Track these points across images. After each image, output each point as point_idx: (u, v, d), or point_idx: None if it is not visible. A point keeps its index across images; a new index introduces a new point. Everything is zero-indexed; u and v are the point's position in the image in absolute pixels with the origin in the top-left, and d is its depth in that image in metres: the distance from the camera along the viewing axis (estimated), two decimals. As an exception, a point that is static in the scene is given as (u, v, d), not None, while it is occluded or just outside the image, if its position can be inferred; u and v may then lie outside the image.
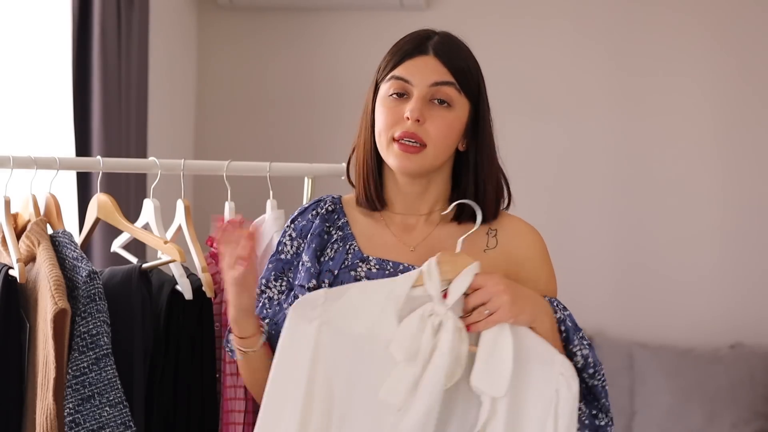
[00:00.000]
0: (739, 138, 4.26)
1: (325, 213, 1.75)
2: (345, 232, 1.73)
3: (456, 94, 1.66)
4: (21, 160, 1.94)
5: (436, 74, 1.65)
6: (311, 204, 1.79)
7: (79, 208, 3.09)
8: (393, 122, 1.65)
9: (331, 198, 1.78)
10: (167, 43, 4.08)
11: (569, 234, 4.32)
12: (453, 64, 1.66)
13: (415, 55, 1.66)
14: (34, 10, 3.08)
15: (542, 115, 4.35)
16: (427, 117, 1.64)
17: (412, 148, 1.64)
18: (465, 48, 1.71)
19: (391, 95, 1.66)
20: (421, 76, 1.64)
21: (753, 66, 4.26)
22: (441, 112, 1.65)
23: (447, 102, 1.66)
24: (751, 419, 3.92)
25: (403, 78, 1.65)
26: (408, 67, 1.65)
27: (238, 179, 2.14)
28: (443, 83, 1.65)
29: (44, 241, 1.84)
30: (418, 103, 1.63)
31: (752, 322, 4.22)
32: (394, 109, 1.65)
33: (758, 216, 4.24)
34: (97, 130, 3.19)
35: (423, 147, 1.65)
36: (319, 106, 4.38)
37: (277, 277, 1.73)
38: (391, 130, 1.65)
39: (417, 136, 1.64)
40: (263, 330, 1.66)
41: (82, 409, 1.72)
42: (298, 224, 1.76)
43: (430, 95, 1.65)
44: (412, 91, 1.65)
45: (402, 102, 1.65)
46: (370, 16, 4.35)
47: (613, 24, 4.32)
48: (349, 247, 1.71)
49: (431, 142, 1.65)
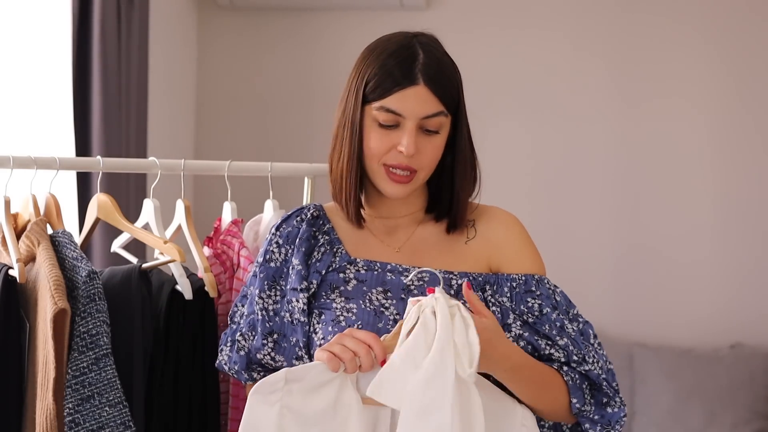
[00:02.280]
0: (738, 138, 4.26)
1: (311, 218, 1.75)
2: (331, 237, 1.74)
3: (444, 120, 1.66)
4: (21, 160, 1.94)
5: (428, 106, 1.63)
6: (293, 212, 1.78)
7: (79, 208, 3.09)
8: (384, 150, 1.65)
9: (313, 205, 1.78)
10: (167, 43, 4.08)
11: (569, 234, 4.33)
12: (443, 92, 1.64)
13: (405, 85, 1.62)
14: (34, 10, 3.08)
15: (542, 115, 4.35)
16: (419, 147, 1.64)
17: (405, 178, 1.65)
18: (448, 63, 1.68)
19: (382, 126, 1.65)
20: (413, 110, 1.63)
21: (749, 69, 4.26)
22: (429, 139, 1.65)
23: (435, 130, 1.66)
24: (751, 419, 3.92)
25: (394, 111, 1.63)
26: (399, 99, 1.62)
27: (238, 179, 2.14)
28: (434, 115, 1.64)
29: (44, 241, 1.84)
30: (411, 138, 1.63)
31: (752, 322, 4.22)
32: (385, 138, 1.64)
33: (758, 216, 4.24)
34: (97, 130, 3.19)
35: (414, 174, 1.66)
36: (319, 106, 4.38)
37: (270, 287, 1.71)
38: (382, 159, 1.65)
39: (410, 167, 1.65)
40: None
41: (82, 409, 1.72)
42: (284, 231, 1.75)
43: (421, 126, 1.65)
44: (403, 122, 1.64)
45: (392, 130, 1.64)
46: (370, 16, 4.35)
47: (613, 26, 4.32)
48: (336, 251, 1.72)
49: (422, 169, 1.66)
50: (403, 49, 1.65)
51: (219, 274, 2.00)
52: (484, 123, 4.19)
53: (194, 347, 1.90)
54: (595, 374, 1.65)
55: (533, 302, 1.67)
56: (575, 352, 1.64)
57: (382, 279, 1.67)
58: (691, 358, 4.04)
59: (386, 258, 1.70)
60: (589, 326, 1.68)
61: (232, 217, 2.10)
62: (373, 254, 1.71)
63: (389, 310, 1.63)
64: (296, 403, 1.52)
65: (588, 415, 1.66)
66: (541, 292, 1.68)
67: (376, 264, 1.69)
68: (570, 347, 1.64)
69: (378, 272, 1.68)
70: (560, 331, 1.65)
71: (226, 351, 1.73)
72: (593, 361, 1.66)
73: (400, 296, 1.65)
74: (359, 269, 1.69)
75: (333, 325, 1.63)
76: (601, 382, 1.66)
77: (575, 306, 1.70)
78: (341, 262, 1.70)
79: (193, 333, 1.90)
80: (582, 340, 1.67)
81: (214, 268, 1.98)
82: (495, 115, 4.30)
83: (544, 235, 4.35)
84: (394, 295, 1.65)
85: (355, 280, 1.67)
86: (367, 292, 1.65)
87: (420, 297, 1.52)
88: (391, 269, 1.68)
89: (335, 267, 1.69)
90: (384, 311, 1.63)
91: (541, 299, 1.67)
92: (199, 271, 1.95)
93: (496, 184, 4.25)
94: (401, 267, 1.68)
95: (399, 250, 1.72)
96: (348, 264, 1.70)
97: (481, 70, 4.28)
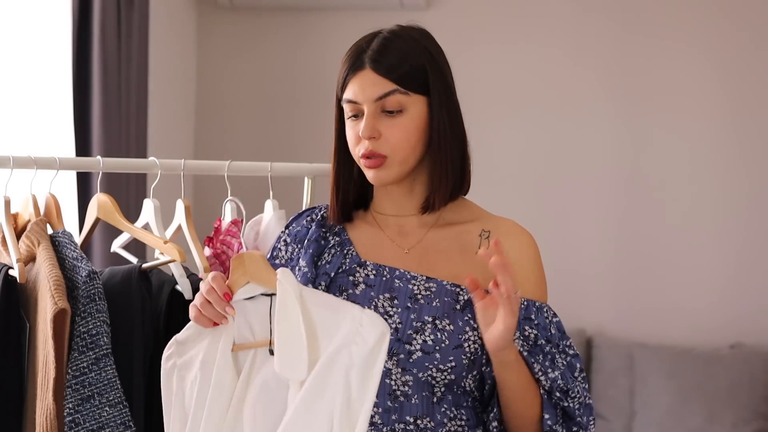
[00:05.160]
0: (738, 138, 4.26)
1: (321, 219, 1.76)
2: (342, 238, 1.74)
3: (404, 98, 1.65)
4: (21, 160, 1.94)
5: (377, 88, 1.64)
6: (305, 211, 1.80)
7: (79, 208, 3.09)
8: (355, 143, 1.68)
9: (325, 206, 1.79)
10: (167, 43, 4.08)
11: (569, 234, 4.33)
12: (390, 71, 1.65)
13: (354, 72, 1.66)
14: (34, 10, 3.08)
15: (541, 115, 4.35)
16: (381, 130, 1.65)
17: (374, 162, 1.66)
18: (406, 44, 1.68)
19: (350, 117, 1.69)
20: (364, 94, 1.65)
21: (749, 69, 4.25)
22: (393, 121, 1.65)
23: (397, 110, 1.66)
24: (751, 419, 3.92)
25: (351, 100, 1.66)
26: (352, 87, 1.66)
27: (238, 179, 2.14)
28: (386, 94, 1.65)
29: (44, 241, 1.84)
30: (368, 122, 1.64)
31: (752, 322, 4.22)
32: (353, 130, 1.68)
33: (759, 216, 4.24)
34: (97, 130, 3.19)
35: (384, 158, 1.66)
36: (319, 106, 4.36)
37: None
38: (355, 150, 1.68)
39: (375, 152, 1.65)
40: None
41: (82, 409, 1.72)
42: (293, 230, 1.77)
43: (379, 108, 1.65)
44: (362, 110, 1.66)
45: (358, 120, 1.67)
46: (370, 16, 4.33)
47: (612, 23, 4.32)
48: (347, 252, 1.72)
49: (390, 151, 1.66)
50: (358, 43, 1.70)
51: (218, 274, 2.00)
52: (483, 123, 4.21)
53: (194, 347, 1.90)
54: (572, 410, 1.65)
55: (530, 332, 1.66)
56: (562, 385, 1.63)
57: (390, 285, 1.66)
58: (691, 358, 4.03)
59: (395, 259, 1.70)
60: (577, 359, 1.67)
61: (233, 216, 2.10)
62: (382, 255, 1.71)
63: (393, 318, 1.63)
64: (187, 363, 1.60)
65: None
66: (539, 322, 1.67)
67: (385, 269, 1.68)
68: (558, 381, 1.63)
69: (386, 278, 1.67)
70: (551, 364, 1.65)
71: None
72: (575, 396, 1.65)
73: (406, 305, 1.64)
74: (368, 273, 1.68)
75: None
76: (575, 417, 1.66)
77: (569, 337, 1.69)
78: (351, 264, 1.70)
79: (193, 333, 1.90)
80: (569, 375, 1.66)
81: (213, 268, 1.98)
82: (495, 114, 4.30)
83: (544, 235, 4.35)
84: (401, 303, 1.65)
85: (363, 284, 1.67)
86: (374, 297, 1.65)
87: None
88: (399, 275, 1.67)
89: (345, 269, 1.69)
90: (388, 318, 1.62)
91: (538, 329, 1.66)
92: (199, 271, 1.95)
93: (495, 183, 4.28)
94: (410, 274, 1.67)
95: (408, 251, 1.71)
96: (358, 266, 1.69)
97: (480, 70, 4.28)
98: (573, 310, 4.26)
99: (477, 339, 1.63)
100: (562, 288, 4.40)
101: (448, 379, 1.63)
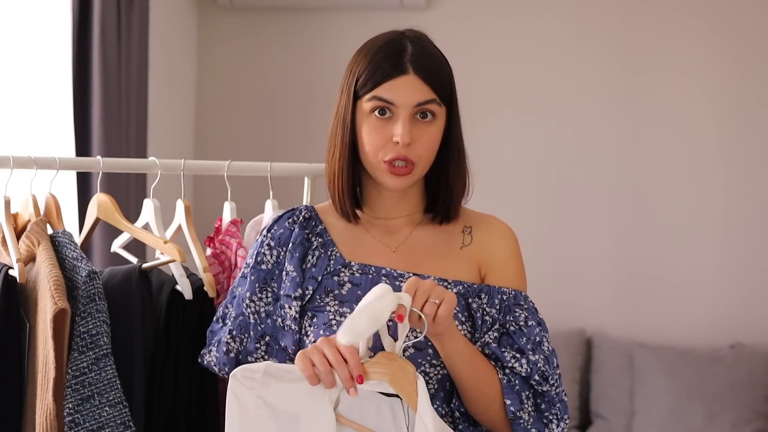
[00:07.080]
0: (739, 138, 4.26)
1: (303, 221, 1.75)
2: (325, 239, 1.73)
3: (437, 108, 1.66)
4: (21, 160, 1.94)
5: (420, 94, 1.64)
6: (285, 213, 1.78)
7: (79, 208, 3.09)
8: (381, 144, 1.65)
9: (304, 207, 1.79)
10: (167, 43, 4.08)
11: (570, 234, 4.33)
12: (433, 79, 1.65)
13: (395, 75, 1.64)
14: (34, 10, 3.08)
15: (542, 115, 4.35)
16: (414, 137, 1.64)
17: (403, 170, 1.65)
18: (439, 55, 1.70)
19: (374, 112, 1.65)
20: (405, 98, 1.63)
21: (755, 64, 4.26)
22: (426, 129, 1.65)
23: (430, 116, 1.66)
24: (751, 419, 3.92)
25: (386, 100, 1.64)
26: (390, 89, 1.63)
27: (238, 179, 2.14)
28: (426, 102, 1.64)
29: (44, 241, 1.84)
30: (406, 127, 1.63)
31: (752, 322, 4.22)
32: (380, 130, 1.65)
33: (758, 216, 4.24)
34: (97, 130, 3.20)
35: (412, 166, 1.66)
36: (319, 106, 4.36)
37: (261, 289, 1.71)
38: (380, 153, 1.65)
39: (408, 158, 1.65)
40: None
41: (82, 409, 1.72)
42: (276, 233, 1.75)
43: (413, 114, 1.65)
44: (396, 111, 1.64)
45: (386, 121, 1.65)
46: (370, 16, 4.35)
47: (614, 21, 4.32)
48: (331, 253, 1.71)
49: (420, 161, 1.66)
50: (391, 43, 1.67)
51: (218, 274, 2.00)
52: (483, 122, 4.21)
53: (194, 347, 1.90)
54: (552, 395, 1.65)
55: (520, 313, 1.67)
56: (543, 370, 1.63)
57: (377, 283, 1.66)
58: (691, 358, 4.04)
59: (382, 258, 1.70)
60: (554, 355, 1.68)
61: (232, 217, 2.10)
62: (368, 255, 1.71)
63: None
64: (271, 398, 1.54)
65: (525, 425, 1.64)
66: (528, 306, 1.69)
67: (370, 268, 1.69)
68: (540, 364, 1.63)
69: (373, 276, 1.68)
70: (536, 347, 1.65)
71: (214, 351, 1.72)
72: (554, 384, 1.65)
73: None
74: (354, 272, 1.68)
75: (325, 329, 1.63)
76: (555, 403, 1.65)
77: (542, 336, 1.69)
78: (336, 266, 1.70)
79: (193, 333, 1.90)
80: (550, 364, 1.66)
81: (213, 268, 1.98)
82: (495, 114, 4.30)
83: (544, 235, 4.38)
84: None
85: (349, 284, 1.67)
86: (361, 296, 1.65)
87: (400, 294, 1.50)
88: (386, 274, 1.68)
89: (330, 270, 1.69)
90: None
91: (528, 312, 1.68)
92: (199, 271, 1.95)
93: (496, 183, 4.28)
94: (396, 272, 1.68)
95: (395, 250, 1.72)
96: (342, 267, 1.69)
97: (480, 70, 4.28)
98: (573, 310, 4.26)
99: (466, 333, 1.65)
100: (562, 288, 4.41)
101: (441, 374, 1.64)
